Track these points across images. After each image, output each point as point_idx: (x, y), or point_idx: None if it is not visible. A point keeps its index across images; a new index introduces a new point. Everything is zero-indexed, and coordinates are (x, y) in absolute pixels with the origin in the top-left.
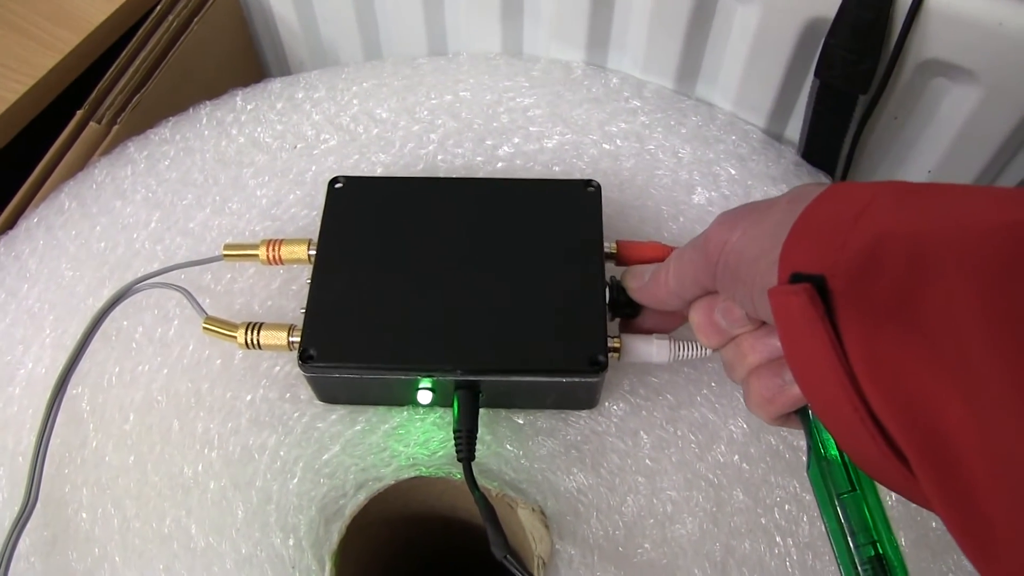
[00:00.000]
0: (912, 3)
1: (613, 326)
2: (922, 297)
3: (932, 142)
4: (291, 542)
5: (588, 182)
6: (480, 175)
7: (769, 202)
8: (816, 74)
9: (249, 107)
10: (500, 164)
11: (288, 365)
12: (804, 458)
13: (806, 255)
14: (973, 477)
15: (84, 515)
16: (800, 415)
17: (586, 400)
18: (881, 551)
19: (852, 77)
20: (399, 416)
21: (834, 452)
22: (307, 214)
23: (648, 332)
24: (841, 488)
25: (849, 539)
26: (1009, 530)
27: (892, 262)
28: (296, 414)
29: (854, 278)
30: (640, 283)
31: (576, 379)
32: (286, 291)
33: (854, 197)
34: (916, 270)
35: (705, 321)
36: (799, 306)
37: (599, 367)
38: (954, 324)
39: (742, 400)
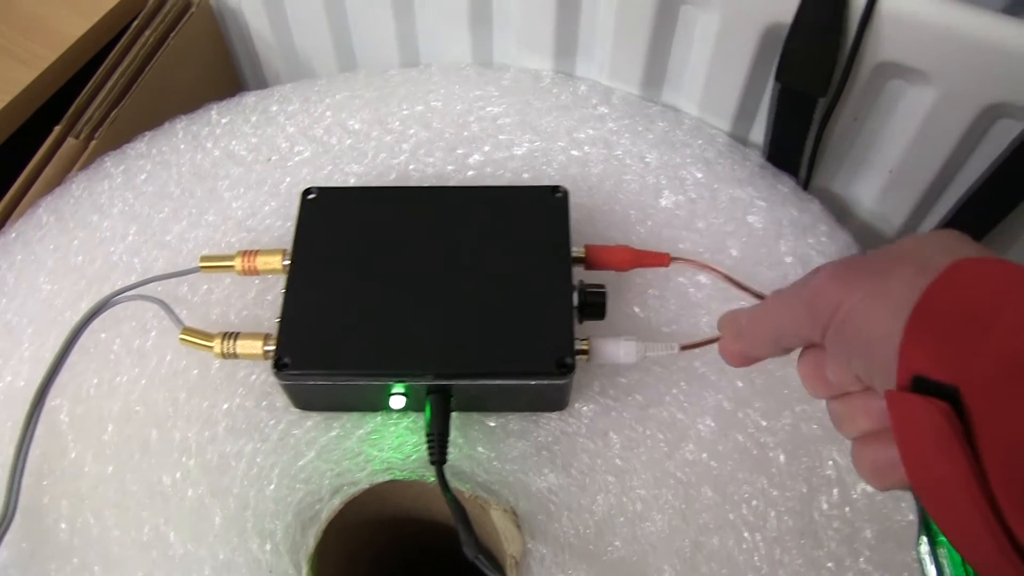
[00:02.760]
0: (865, 7)
1: (582, 329)
2: None
3: (892, 142)
4: (268, 547)
5: (556, 188)
6: (451, 183)
7: (887, 263)
8: (776, 78)
9: (224, 121)
10: (471, 172)
11: (264, 374)
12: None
13: (931, 356)
14: None
15: (63, 525)
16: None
17: (556, 402)
18: None
19: (810, 80)
20: (373, 422)
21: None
22: (282, 225)
23: None
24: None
25: None
26: None
27: None
28: (272, 421)
29: (994, 398)
30: (735, 329)
31: (544, 381)
32: (262, 301)
33: (983, 289)
34: None
35: (813, 375)
36: (933, 425)
37: (567, 369)
38: None
39: (710, 399)
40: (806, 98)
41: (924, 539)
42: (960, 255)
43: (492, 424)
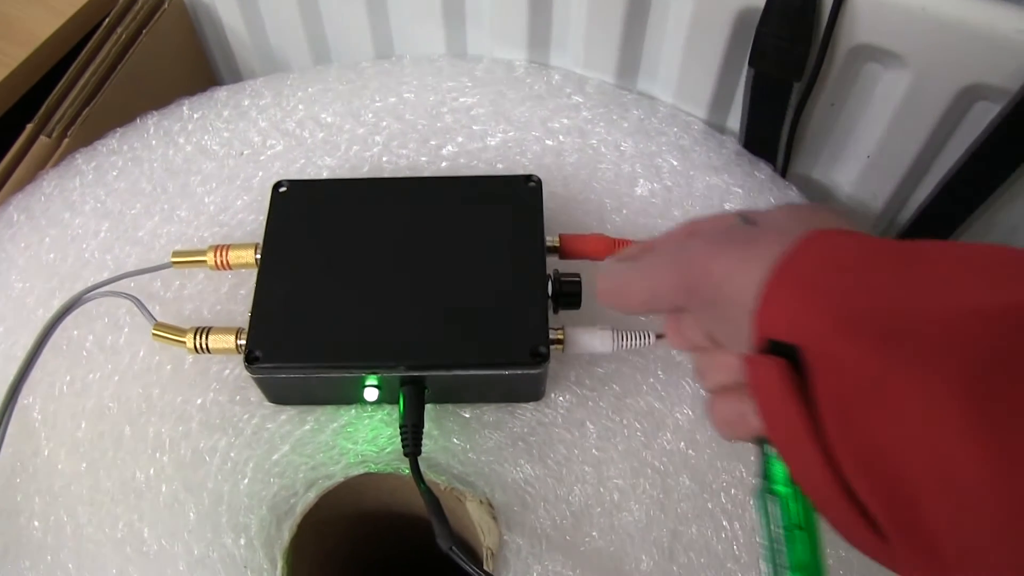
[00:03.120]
0: None
1: (557, 318)
2: (902, 380)
3: (869, 127)
4: (243, 542)
5: (528, 177)
6: (425, 175)
7: (752, 233)
8: (750, 63)
9: (196, 116)
10: (444, 164)
11: (238, 368)
12: (753, 476)
13: (781, 318)
14: (949, 559)
15: (36, 523)
16: (756, 442)
17: (531, 392)
18: None
19: (785, 65)
20: (347, 415)
21: (782, 488)
22: (255, 219)
23: None
24: (785, 523)
25: (785, 571)
26: None
27: (871, 340)
28: (246, 416)
29: (831, 353)
30: (611, 285)
31: (518, 371)
32: (235, 295)
33: (829, 256)
34: (896, 352)
35: (673, 331)
36: (774, 381)
37: (541, 359)
38: (932, 411)
39: (688, 388)
40: (781, 83)
41: (761, 489)
42: (819, 227)
43: (467, 415)
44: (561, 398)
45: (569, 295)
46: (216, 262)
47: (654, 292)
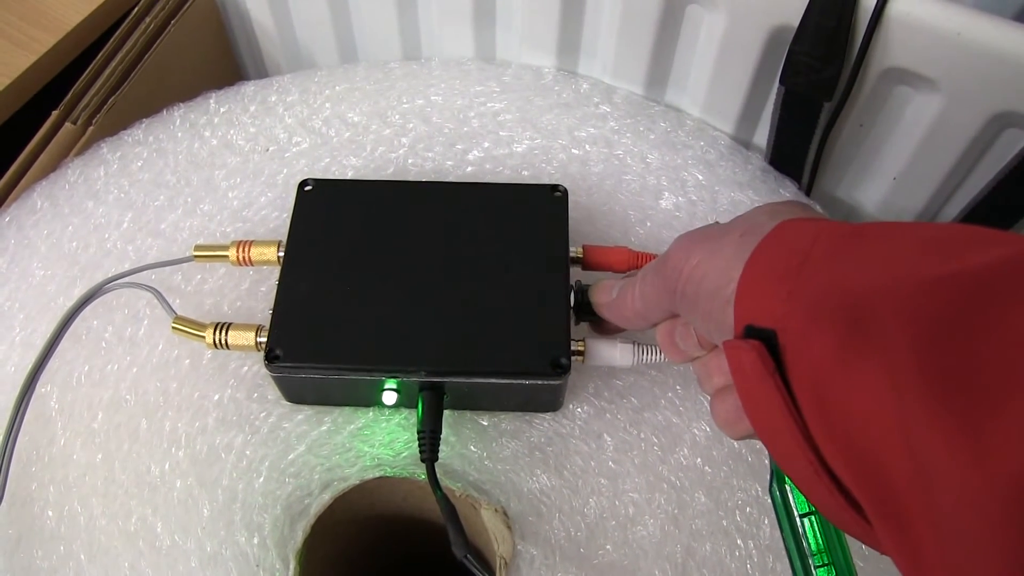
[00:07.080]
0: (873, 12)
1: (578, 330)
2: (864, 354)
3: (897, 149)
4: (256, 541)
5: (555, 187)
6: (450, 179)
7: (724, 229)
8: (781, 81)
9: (222, 110)
10: (470, 168)
11: (256, 365)
12: (767, 463)
13: (756, 306)
14: (918, 531)
15: (50, 513)
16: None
17: (550, 402)
18: (836, 574)
19: (816, 84)
20: (365, 417)
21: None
22: (278, 216)
23: (617, 331)
24: (801, 509)
25: (808, 559)
26: None
27: (834, 319)
28: (263, 414)
29: (801, 335)
30: (607, 299)
31: (539, 381)
32: (255, 292)
33: (796, 243)
34: (857, 327)
35: (667, 343)
36: (750, 363)
37: (562, 370)
38: (895, 381)
39: (706, 404)
40: (811, 102)
41: (774, 483)
42: (787, 218)
43: (485, 423)
44: (579, 409)
45: (591, 307)
46: (238, 258)
47: (644, 299)
